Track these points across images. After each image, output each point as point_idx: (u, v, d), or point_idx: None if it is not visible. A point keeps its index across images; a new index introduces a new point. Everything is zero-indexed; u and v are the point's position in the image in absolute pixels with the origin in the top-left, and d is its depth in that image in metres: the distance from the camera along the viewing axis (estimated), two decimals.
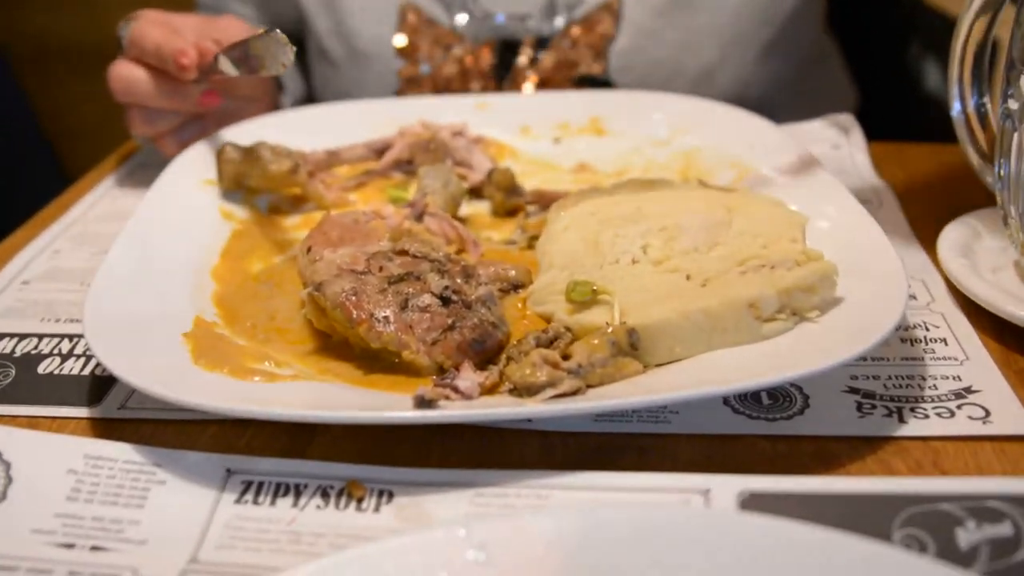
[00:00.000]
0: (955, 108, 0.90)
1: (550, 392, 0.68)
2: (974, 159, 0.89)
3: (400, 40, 1.35)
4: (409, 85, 1.36)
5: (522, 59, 1.33)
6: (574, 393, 0.68)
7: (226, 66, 0.99)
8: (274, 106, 1.28)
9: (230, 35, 1.10)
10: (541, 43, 1.32)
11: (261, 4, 1.47)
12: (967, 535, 0.58)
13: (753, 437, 0.70)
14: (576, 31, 1.31)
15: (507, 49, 1.34)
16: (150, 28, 1.07)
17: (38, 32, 2.62)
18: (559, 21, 1.31)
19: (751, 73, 1.34)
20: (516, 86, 1.33)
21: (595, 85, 1.31)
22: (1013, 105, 0.80)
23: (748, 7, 1.32)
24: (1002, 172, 0.84)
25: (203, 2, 1.50)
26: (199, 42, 1.05)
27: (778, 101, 1.38)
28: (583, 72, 1.32)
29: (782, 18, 1.34)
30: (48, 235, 1.05)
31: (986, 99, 0.89)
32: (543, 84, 1.33)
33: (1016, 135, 0.80)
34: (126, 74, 1.08)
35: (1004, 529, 0.58)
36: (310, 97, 1.48)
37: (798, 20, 1.36)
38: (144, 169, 1.17)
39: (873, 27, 1.71)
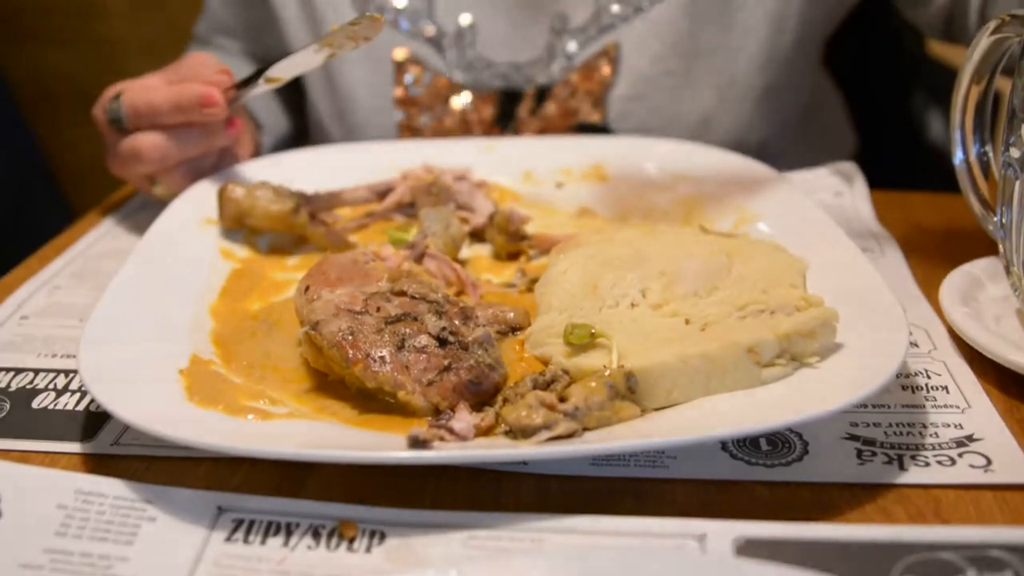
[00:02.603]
0: (957, 156, 0.90)
1: (546, 434, 0.67)
2: (976, 207, 0.89)
3: (398, 92, 1.35)
4: (407, 135, 1.36)
5: (523, 109, 1.33)
6: (570, 436, 0.68)
7: (248, 92, 1.03)
8: (256, 144, 1.29)
9: (205, 68, 1.10)
10: (541, 93, 1.33)
11: (250, 39, 1.47)
12: None
13: (751, 483, 0.69)
14: (575, 78, 1.32)
15: (508, 99, 1.34)
16: (150, 93, 1.06)
17: (48, 72, 2.64)
18: (558, 69, 1.32)
19: (749, 120, 1.34)
20: (516, 136, 1.34)
21: (594, 133, 1.31)
22: (1015, 153, 0.80)
23: (744, 53, 1.32)
24: (1004, 220, 0.84)
25: (197, 35, 1.51)
26: (210, 80, 1.06)
27: (778, 147, 1.38)
28: (582, 120, 1.32)
29: (779, 63, 1.33)
30: (48, 271, 1.04)
31: (988, 148, 0.89)
32: (544, 133, 1.33)
33: (1017, 183, 0.80)
34: (149, 142, 1.06)
35: None
36: (302, 132, 1.48)
37: (795, 65, 1.36)
38: (146, 208, 1.18)
39: (878, 77, 1.72)
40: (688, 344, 0.73)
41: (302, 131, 1.49)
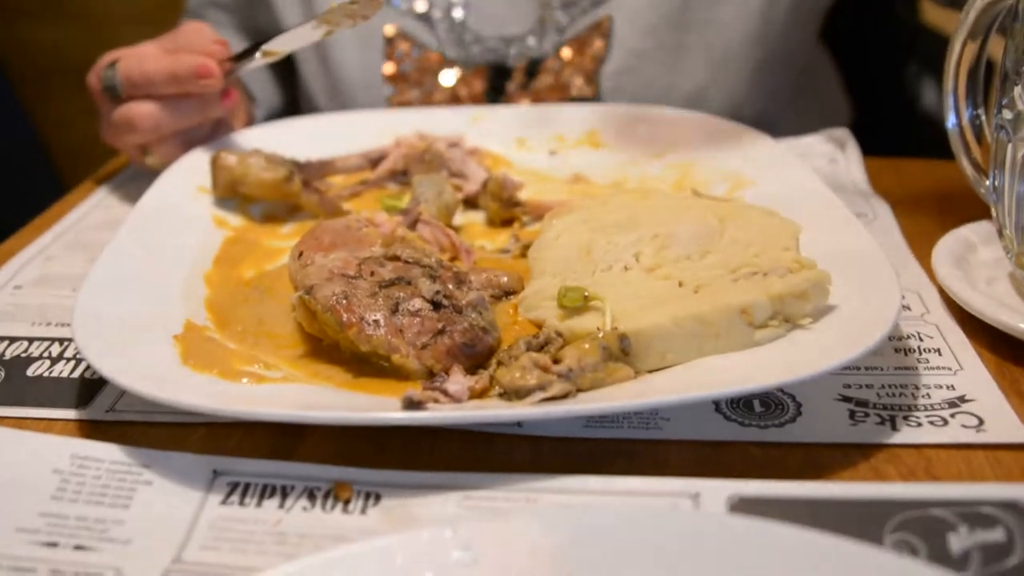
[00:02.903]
0: (950, 120, 0.90)
1: (539, 395, 0.67)
2: (969, 171, 0.89)
3: (388, 68, 1.34)
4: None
5: (513, 84, 1.32)
6: (564, 397, 0.68)
7: (245, 65, 1.03)
8: (249, 116, 1.28)
9: (201, 38, 1.10)
10: (532, 67, 1.32)
11: (242, 14, 1.46)
12: (959, 540, 0.58)
13: (745, 444, 0.70)
14: (567, 53, 1.31)
15: (498, 74, 1.33)
16: (146, 62, 1.05)
17: (37, 47, 2.63)
18: (549, 43, 1.31)
19: (744, 92, 1.34)
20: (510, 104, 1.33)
21: None
22: (1007, 115, 0.80)
23: (739, 27, 1.31)
24: (996, 183, 0.84)
25: (188, 8, 1.49)
26: (206, 51, 1.05)
27: (773, 117, 1.38)
28: (575, 95, 1.32)
29: (774, 37, 1.33)
30: (42, 242, 1.04)
31: (981, 112, 0.89)
32: None
33: (1010, 146, 0.80)
34: (144, 111, 1.06)
35: (996, 535, 0.58)
36: (293, 106, 1.48)
37: (790, 39, 1.36)
38: (139, 179, 1.17)
39: (873, 46, 1.72)
40: (681, 306, 0.73)
41: (294, 105, 1.48)
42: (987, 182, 0.86)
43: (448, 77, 1.33)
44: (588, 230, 0.86)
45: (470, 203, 1.06)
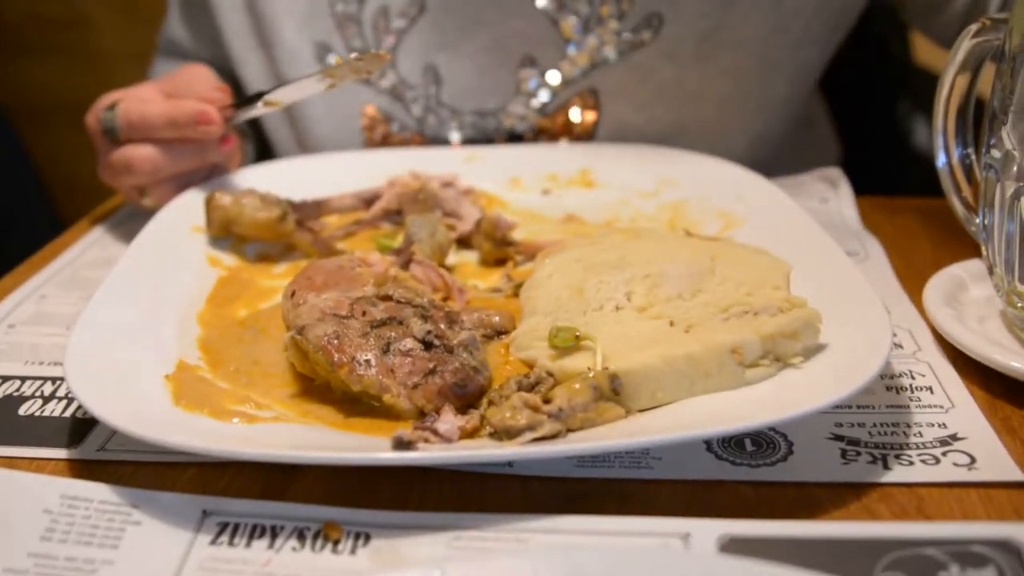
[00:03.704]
0: (940, 159, 0.90)
1: (530, 435, 0.67)
2: (959, 209, 0.90)
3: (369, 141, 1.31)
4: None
5: None
6: (554, 437, 0.68)
7: (245, 113, 1.03)
8: (244, 155, 1.28)
9: (197, 77, 1.10)
10: (515, 141, 1.28)
11: (203, 54, 1.41)
12: None
13: (736, 483, 0.69)
14: (551, 128, 1.27)
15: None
16: (146, 105, 1.06)
17: (36, 85, 2.65)
18: (530, 115, 1.27)
19: (739, 158, 1.30)
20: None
21: None
22: (996, 155, 0.81)
23: (738, 103, 1.28)
24: (986, 222, 0.84)
25: (157, 48, 1.48)
26: (206, 97, 1.06)
27: (766, 161, 1.37)
28: None
29: (774, 105, 1.30)
30: (36, 280, 1.04)
31: (971, 151, 0.89)
32: None
33: (999, 185, 0.81)
34: (142, 155, 1.06)
35: (988, 574, 0.58)
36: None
37: (791, 104, 1.33)
38: (136, 218, 1.17)
39: (863, 84, 1.72)
40: (672, 345, 0.73)
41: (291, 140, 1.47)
42: (977, 220, 0.86)
43: None
44: (580, 269, 0.86)
45: (464, 243, 1.06)
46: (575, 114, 1.27)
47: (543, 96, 1.27)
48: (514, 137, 1.29)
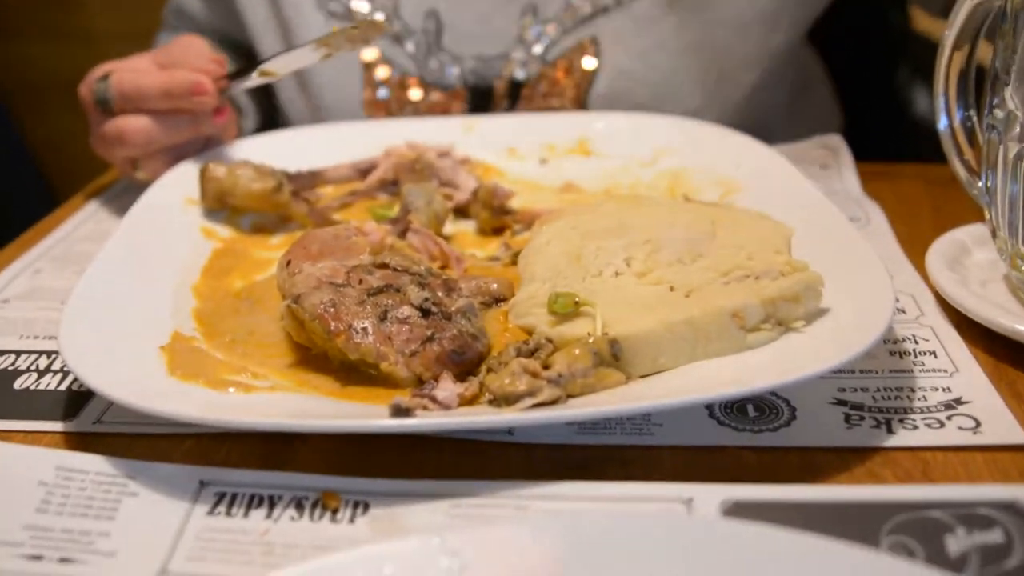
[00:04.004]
0: (942, 122, 0.89)
1: (529, 401, 0.66)
2: (961, 173, 0.89)
3: (367, 93, 1.32)
4: None
5: (495, 108, 1.30)
6: (554, 402, 0.67)
7: (241, 84, 1.03)
8: (238, 129, 1.27)
9: (192, 49, 1.09)
10: (515, 89, 1.29)
11: (216, 34, 1.42)
12: (957, 542, 0.57)
13: (738, 449, 0.69)
14: (552, 74, 1.28)
15: (479, 96, 1.30)
16: (139, 76, 1.05)
17: (27, 64, 2.63)
18: (531, 63, 1.28)
19: (740, 112, 1.31)
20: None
21: None
22: (998, 115, 0.80)
23: (736, 51, 1.29)
24: (988, 184, 0.83)
25: (164, 21, 1.49)
26: (201, 68, 1.05)
27: (766, 128, 1.37)
28: None
29: (770, 59, 1.31)
30: (30, 255, 1.04)
31: (972, 113, 0.88)
32: None
33: (1001, 146, 0.80)
34: (135, 125, 1.05)
35: (995, 536, 0.57)
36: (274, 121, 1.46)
37: (785, 58, 1.34)
38: (130, 192, 1.16)
39: (863, 52, 1.71)
40: (673, 310, 0.73)
41: (276, 120, 1.47)
42: (980, 183, 0.86)
43: (427, 101, 1.31)
44: (578, 236, 0.85)
45: (461, 212, 1.05)
46: (576, 61, 1.28)
47: (544, 43, 1.28)
48: (515, 84, 1.29)
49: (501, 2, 1.28)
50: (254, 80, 1.05)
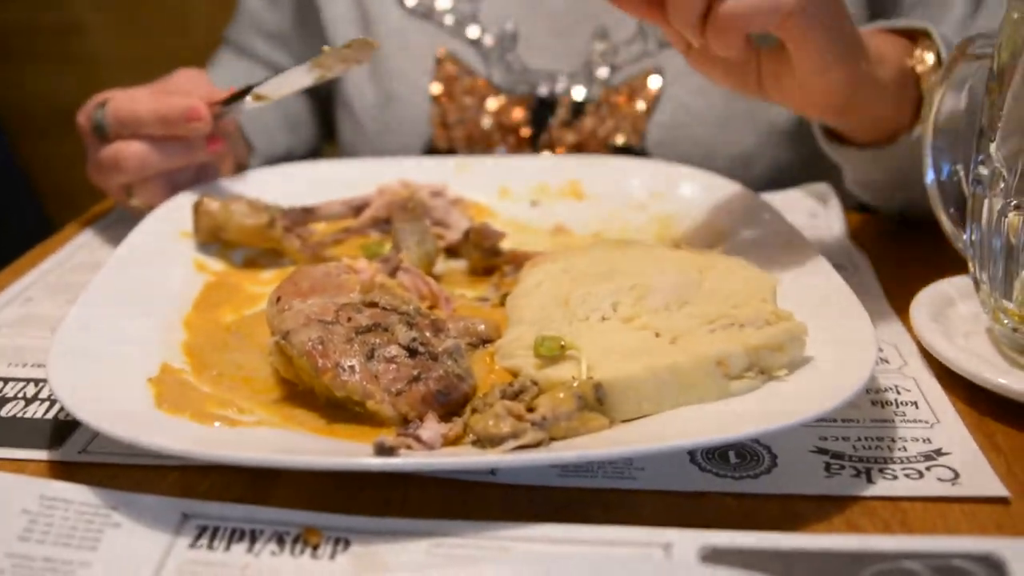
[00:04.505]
0: (929, 176, 0.90)
1: (513, 443, 0.67)
2: (947, 226, 0.90)
3: (436, 88, 1.37)
4: (441, 132, 1.38)
5: (556, 120, 1.34)
6: (537, 445, 0.68)
7: (236, 108, 1.05)
8: (241, 163, 1.29)
9: (191, 81, 1.12)
10: (578, 106, 1.34)
11: (287, 49, 1.52)
12: None
13: (719, 495, 0.69)
14: (614, 99, 1.33)
15: (542, 107, 1.35)
16: (136, 102, 1.06)
17: (28, 91, 2.65)
18: (595, 84, 1.33)
19: (787, 160, 1.35)
20: (550, 146, 1.36)
21: (630, 155, 1.31)
22: (983, 171, 0.81)
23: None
24: (973, 238, 0.84)
25: (229, 39, 1.55)
26: (200, 94, 1.06)
27: (815, 167, 1.39)
28: (620, 143, 1.33)
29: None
30: (22, 283, 1.04)
31: (959, 167, 0.89)
32: (578, 148, 1.34)
33: (986, 201, 0.81)
34: (130, 151, 1.06)
35: None
36: (295, 153, 1.49)
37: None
38: (125, 222, 1.17)
39: None
40: (657, 356, 0.73)
41: (296, 151, 1.50)
42: (965, 236, 0.87)
43: (492, 104, 1.36)
44: (567, 280, 0.86)
45: (452, 252, 1.06)
46: (639, 89, 1.32)
47: (610, 67, 1.33)
48: (577, 106, 1.34)
49: (575, 22, 1.34)
50: (248, 104, 1.06)
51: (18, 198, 2.63)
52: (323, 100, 1.56)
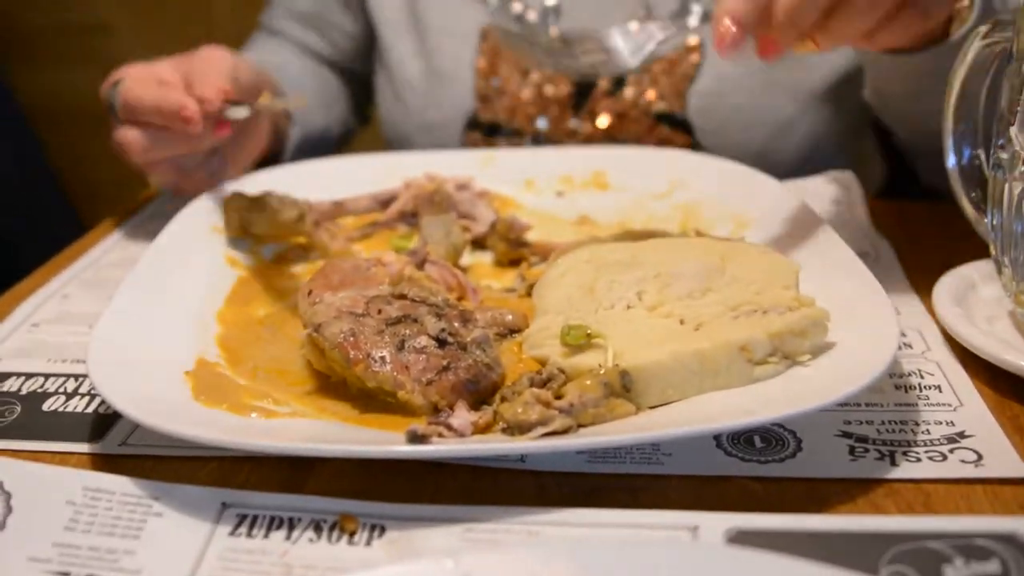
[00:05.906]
0: (950, 160, 0.91)
1: (541, 430, 0.68)
2: (969, 210, 0.91)
3: (481, 62, 1.39)
4: (485, 105, 1.39)
5: (599, 90, 1.36)
6: (565, 432, 0.69)
7: (235, 113, 1.05)
8: (279, 136, 1.31)
9: (212, 64, 1.11)
10: (619, 77, 1.36)
11: (320, 31, 1.54)
12: (955, 573, 0.59)
13: (745, 479, 0.70)
14: (656, 68, 1.34)
15: (584, 78, 1.37)
16: (140, 89, 1.07)
17: (57, 90, 2.68)
18: (639, 57, 1.34)
19: (825, 128, 1.36)
20: (591, 116, 1.37)
21: (673, 125, 1.34)
22: (1003, 155, 0.82)
23: (825, 67, 1.34)
24: (994, 222, 0.85)
25: (264, 24, 1.58)
26: (202, 90, 1.06)
27: (848, 152, 1.41)
28: (662, 109, 1.34)
29: (856, 77, 1.35)
30: (59, 280, 1.06)
31: (980, 151, 0.90)
32: (619, 118, 1.36)
33: (1007, 185, 0.82)
34: (130, 137, 1.09)
35: (992, 567, 0.59)
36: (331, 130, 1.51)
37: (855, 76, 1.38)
38: (157, 219, 1.19)
39: None
40: (682, 343, 0.75)
41: (331, 130, 1.52)
42: (986, 221, 0.87)
43: (535, 76, 1.38)
44: (592, 269, 0.87)
45: (479, 244, 1.07)
46: (681, 60, 1.35)
47: (654, 42, 1.32)
48: (619, 77, 1.35)
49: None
50: (242, 111, 1.06)
51: (48, 198, 2.66)
52: (357, 79, 1.59)
